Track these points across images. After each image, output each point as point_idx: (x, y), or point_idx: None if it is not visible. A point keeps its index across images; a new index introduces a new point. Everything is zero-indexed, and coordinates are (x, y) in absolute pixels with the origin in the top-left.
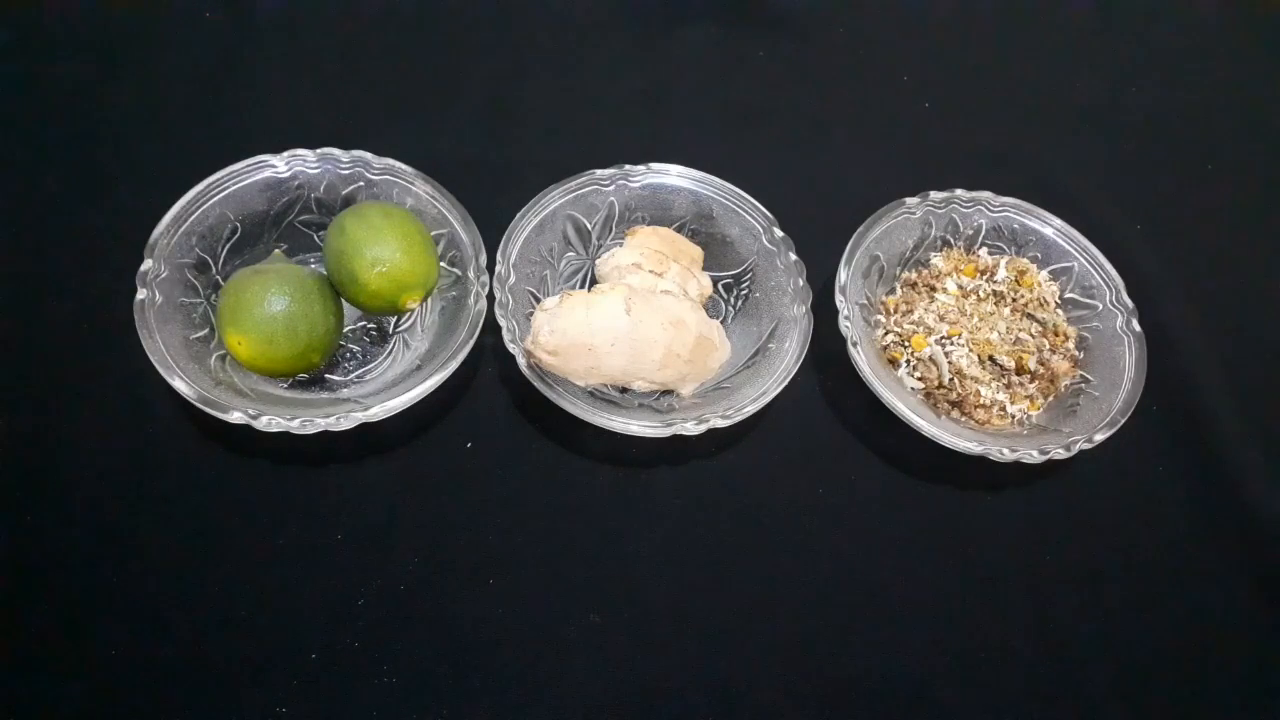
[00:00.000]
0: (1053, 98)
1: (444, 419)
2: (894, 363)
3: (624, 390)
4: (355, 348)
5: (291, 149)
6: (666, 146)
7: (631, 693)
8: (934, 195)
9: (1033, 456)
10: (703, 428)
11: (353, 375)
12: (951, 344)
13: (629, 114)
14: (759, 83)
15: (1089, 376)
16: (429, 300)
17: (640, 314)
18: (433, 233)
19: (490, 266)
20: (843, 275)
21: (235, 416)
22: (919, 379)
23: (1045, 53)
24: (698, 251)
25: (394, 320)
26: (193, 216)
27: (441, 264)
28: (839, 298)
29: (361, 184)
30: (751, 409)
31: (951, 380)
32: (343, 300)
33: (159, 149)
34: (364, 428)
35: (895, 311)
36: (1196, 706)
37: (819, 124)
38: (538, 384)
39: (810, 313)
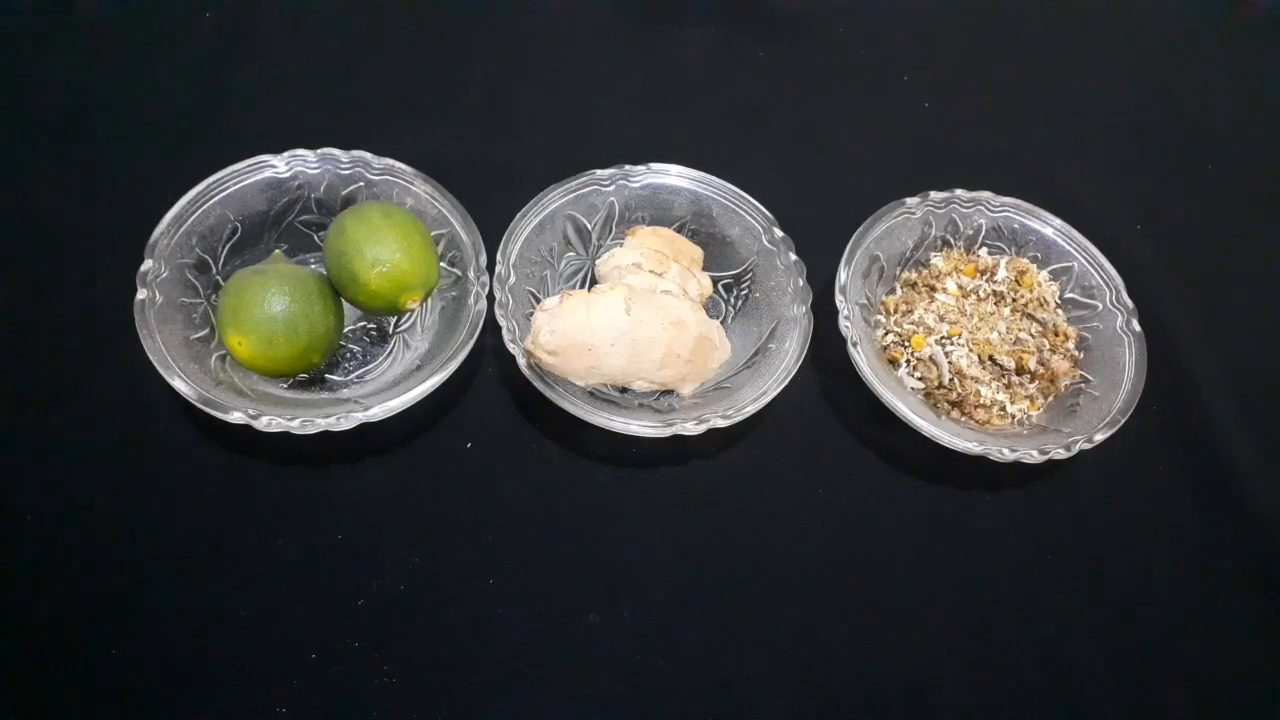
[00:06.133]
0: (1052, 97)
1: (444, 419)
2: (894, 363)
3: (624, 390)
4: (355, 348)
5: (291, 149)
6: (666, 146)
7: (631, 693)
8: (934, 195)
9: (1033, 456)
10: (703, 428)
11: (353, 375)
12: (951, 344)
13: (629, 114)
14: (759, 83)
15: (1089, 376)
16: (429, 300)
17: (640, 314)
18: (433, 233)
19: (490, 266)
20: (843, 275)
21: (235, 416)
22: (919, 379)
23: (1045, 52)
24: (698, 251)
25: (394, 320)
26: (193, 216)
27: (441, 264)
28: (839, 298)
29: (361, 184)
30: (751, 409)
31: (951, 380)
32: (343, 300)
33: (159, 149)
34: (364, 428)
35: (895, 311)
36: (1196, 706)
37: (819, 124)
38: (538, 384)
39: (810, 313)
